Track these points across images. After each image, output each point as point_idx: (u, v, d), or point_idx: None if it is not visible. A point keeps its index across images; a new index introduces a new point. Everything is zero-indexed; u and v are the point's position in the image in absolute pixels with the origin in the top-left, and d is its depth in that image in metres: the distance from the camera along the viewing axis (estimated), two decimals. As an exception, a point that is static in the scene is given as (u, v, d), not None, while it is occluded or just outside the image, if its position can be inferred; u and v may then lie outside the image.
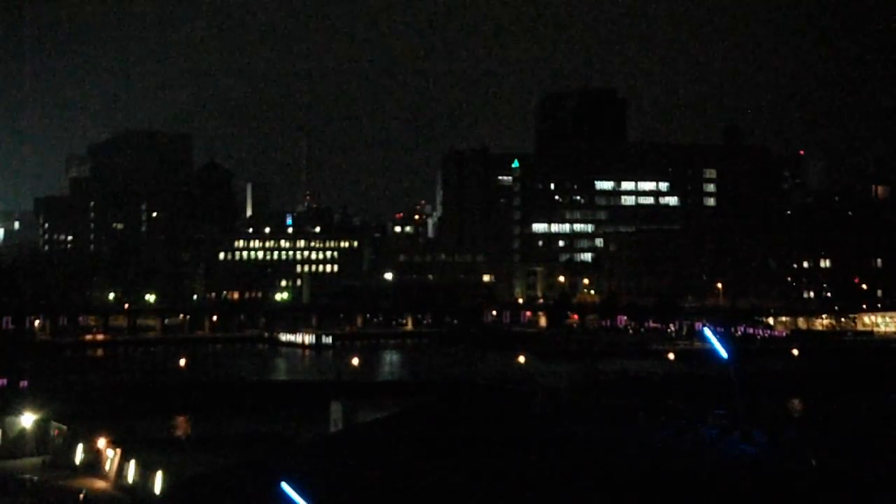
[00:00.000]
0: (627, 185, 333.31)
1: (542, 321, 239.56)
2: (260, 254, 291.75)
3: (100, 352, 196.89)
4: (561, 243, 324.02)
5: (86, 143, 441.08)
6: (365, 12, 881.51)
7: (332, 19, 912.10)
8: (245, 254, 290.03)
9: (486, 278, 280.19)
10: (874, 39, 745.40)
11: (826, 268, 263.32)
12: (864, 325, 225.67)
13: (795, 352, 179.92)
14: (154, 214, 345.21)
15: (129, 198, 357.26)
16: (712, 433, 62.78)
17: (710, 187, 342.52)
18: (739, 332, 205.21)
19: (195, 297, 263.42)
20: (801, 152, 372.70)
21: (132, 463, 66.08)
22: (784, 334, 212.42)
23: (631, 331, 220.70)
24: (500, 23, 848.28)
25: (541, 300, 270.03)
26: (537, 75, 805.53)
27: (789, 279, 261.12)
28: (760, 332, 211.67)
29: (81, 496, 64.09)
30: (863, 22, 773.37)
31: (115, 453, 68.59)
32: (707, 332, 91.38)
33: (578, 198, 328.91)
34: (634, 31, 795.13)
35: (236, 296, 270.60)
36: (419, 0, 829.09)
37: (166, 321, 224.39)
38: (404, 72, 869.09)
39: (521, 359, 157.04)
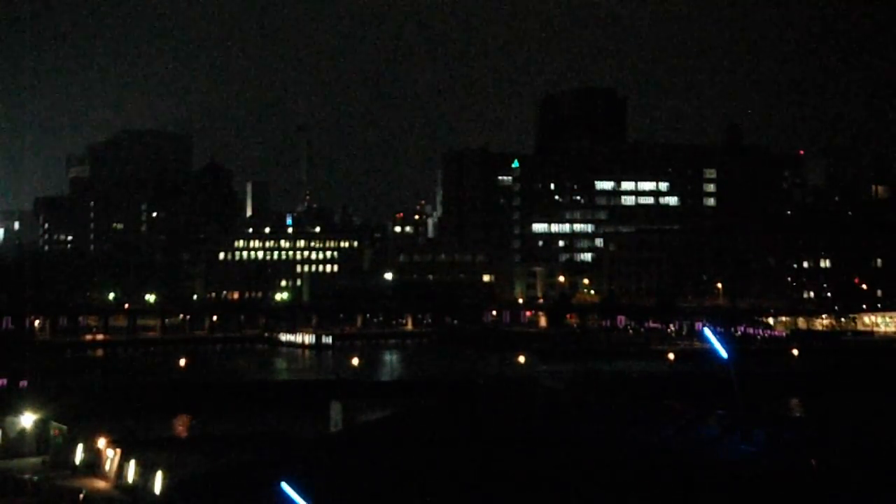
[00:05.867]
0: (627, 185, 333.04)
1: (542, 321, 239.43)
2: (260, 254, 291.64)
3: (100, 352, 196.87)
4: (561, 243, 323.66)
5: (86, 143, 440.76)
6: (365, 12, 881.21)
7: (332, 19, 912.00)
8: (245, 254, 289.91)
9: (486, 278, 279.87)
10: (874, 39, 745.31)
11: (826, 268, 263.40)
12: (864, 325, 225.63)
13: (795, 352, 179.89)
14: (154, 214, 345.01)
15: (129, 198, 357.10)
16: (712, 433, 62.75)
17: (710, 187, 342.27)
18: (739, 332, 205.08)
19: (195, 297, 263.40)
20: (801, 152, 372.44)
21: (132, 463, 66.04)
22: (784, 334, 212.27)
23: (631, 331, 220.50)
24: (500, 22, 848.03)
25: (541, 300, 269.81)
26: (537, 75, 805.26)
27: (789, 279, 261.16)
28: (760, 332, 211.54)
29: (81, 496, 64.06)
30: (863, 21, 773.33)
31: (115, 453, 68.53)
32: (707, 332, 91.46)
33: (578, 198, 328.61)
34: (634, 31, 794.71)
35: (236, 296, 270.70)
36: (419, 0, 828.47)
37: (166, 321, 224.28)
38: (404, 71, 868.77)
39: (521, 359, 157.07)
